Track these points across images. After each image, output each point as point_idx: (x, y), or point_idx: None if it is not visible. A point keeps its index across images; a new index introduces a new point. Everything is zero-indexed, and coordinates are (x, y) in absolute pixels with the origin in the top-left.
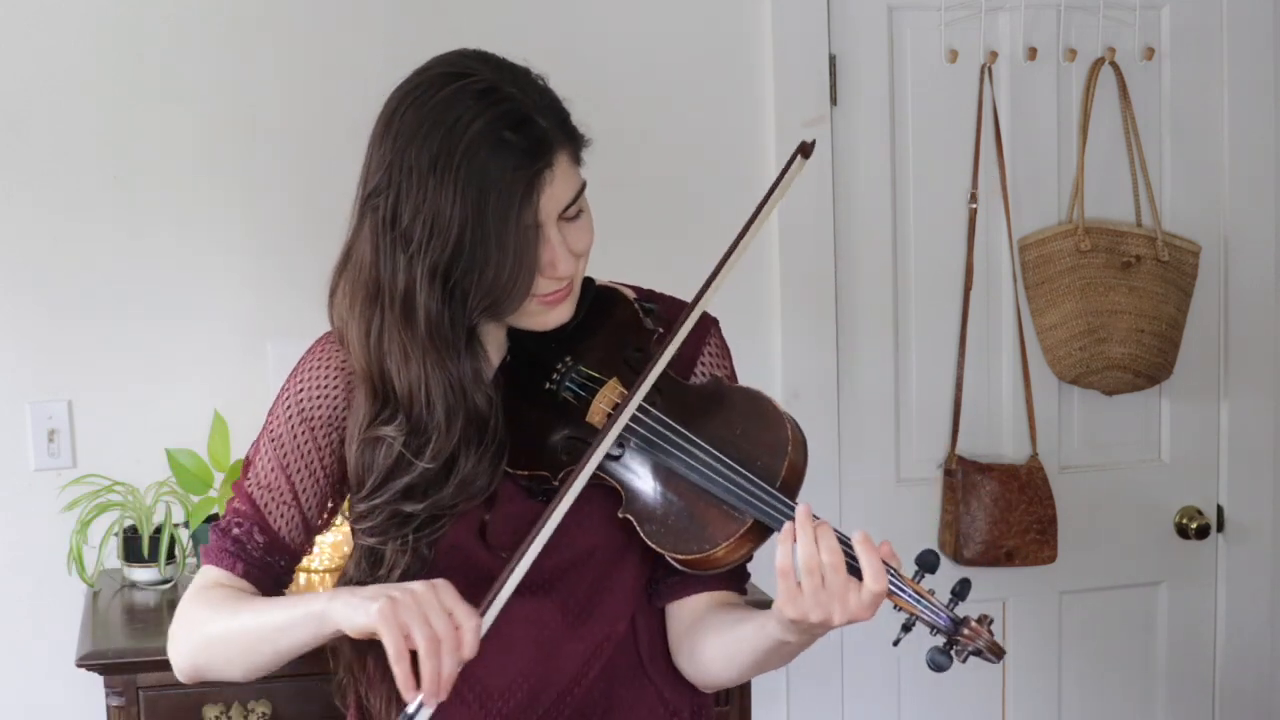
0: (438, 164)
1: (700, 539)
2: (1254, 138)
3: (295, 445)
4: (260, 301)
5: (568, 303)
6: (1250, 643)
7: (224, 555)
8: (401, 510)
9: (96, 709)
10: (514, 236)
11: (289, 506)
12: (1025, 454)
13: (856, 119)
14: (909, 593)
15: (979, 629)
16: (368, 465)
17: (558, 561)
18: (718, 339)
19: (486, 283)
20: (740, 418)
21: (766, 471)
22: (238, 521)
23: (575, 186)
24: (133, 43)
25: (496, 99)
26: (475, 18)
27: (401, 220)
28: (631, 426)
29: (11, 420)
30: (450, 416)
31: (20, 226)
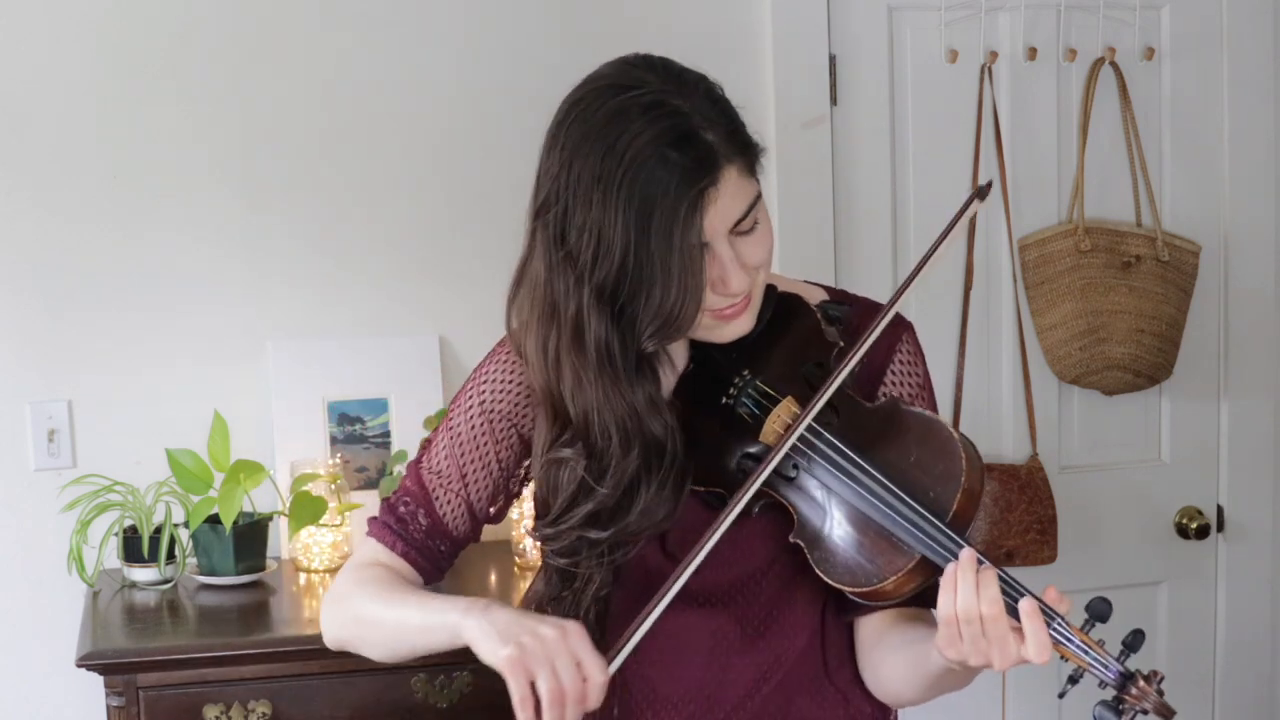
0: (601, 181)
1: (867, 572)
2: (1254, 138)
3: (472, 437)
4: (260, 301)
5: (746, 315)
6: (1250, 643)
7: (386, 532)
8: (587, 537)
9: (96, 709)
10: (678, 257)
11: (456, 495)
12: (1025, 454)
13: (856, 119)
14: (1076, 643)
15: (1148, 688)
16: (552, 487)
17: (736, 575)
18: (911, 345)
19: (654, 306)
20: (915, 444)
21: (937, 504)
22: (405, 500)
23: (747, 199)
24: (133, 43)
25: (661, 113)
26: (471, 21)
27: (569, 238)
28: (801, 449)
29: (11, 420)
30: (626, 443)
31: (20, 226)
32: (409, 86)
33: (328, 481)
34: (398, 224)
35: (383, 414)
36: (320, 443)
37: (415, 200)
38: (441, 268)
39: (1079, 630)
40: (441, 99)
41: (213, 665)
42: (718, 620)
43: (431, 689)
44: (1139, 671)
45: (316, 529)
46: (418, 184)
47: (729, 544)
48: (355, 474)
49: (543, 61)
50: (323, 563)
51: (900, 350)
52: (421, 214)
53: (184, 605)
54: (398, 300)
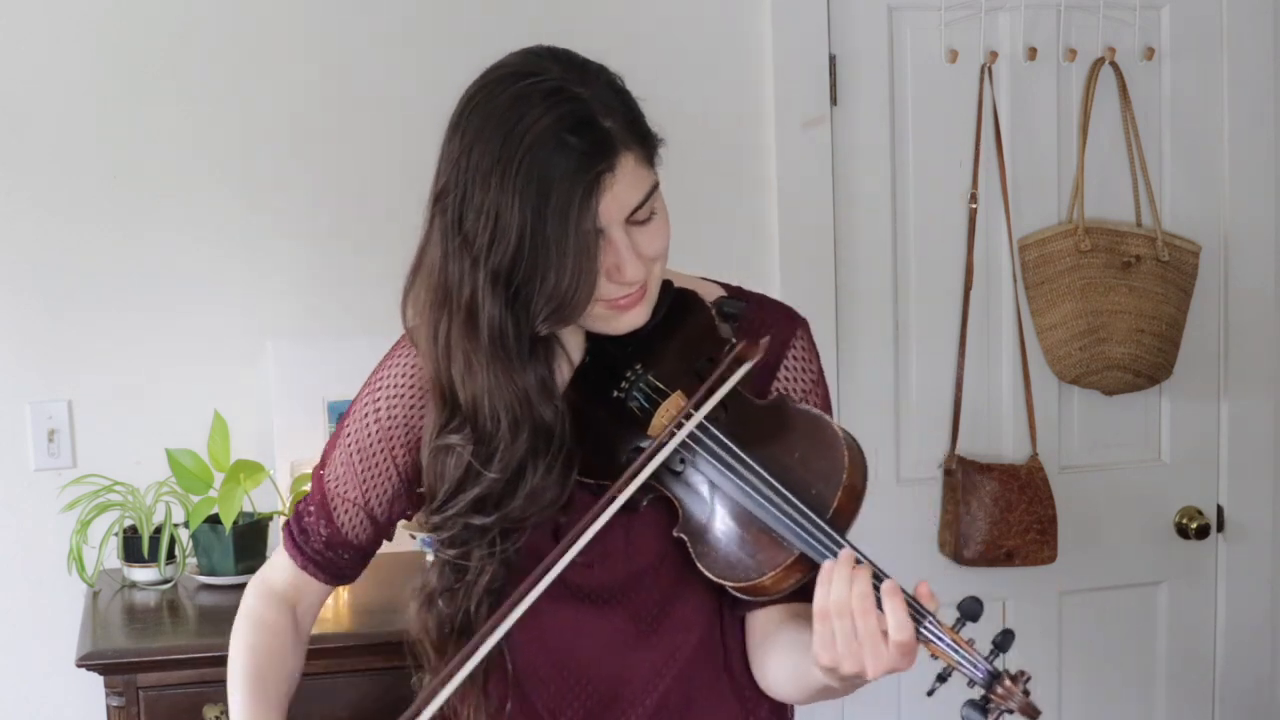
0: (499, 166)
1: (746, 567)
2: (1254, 138)
3: (369, 446)
4: (260, 301)
5: (641, 307)
6: (1250, 643)
7: (289, 544)
8: (473, 523)
9: (96, 709)
10: (573, 242)
11: (355, 505)
12: (1025, 454)
13: (856, 119)
14: (946, 641)
15: (1014, 687)
16: (439, 474)
17: (627, 571)
18: (805, 342)
19: (548, 289)
20: (800, 442)
21: (818, 502)
22: (309, 510)
23: (644, 188)
24: (133, 43)
25: (561, 99)
26: (472, 21)
27: (466, 222)
28: (688, 444)
29: (11, 420)
30: (515, 427)
31: (20, 226)
32: (409, 86)
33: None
34: (398, 224)
35: None
36: (320, 443)
37: (415, 200)
38: None
39: (949, 629)
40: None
41: (213, 665)
42: (612, 617)
43: None
44: (1006, 671)
45: None
46: (417, 183)
47: (620, 540)
48: None
49: None
50: None
51: (794, 346)
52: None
53: (184, 605)
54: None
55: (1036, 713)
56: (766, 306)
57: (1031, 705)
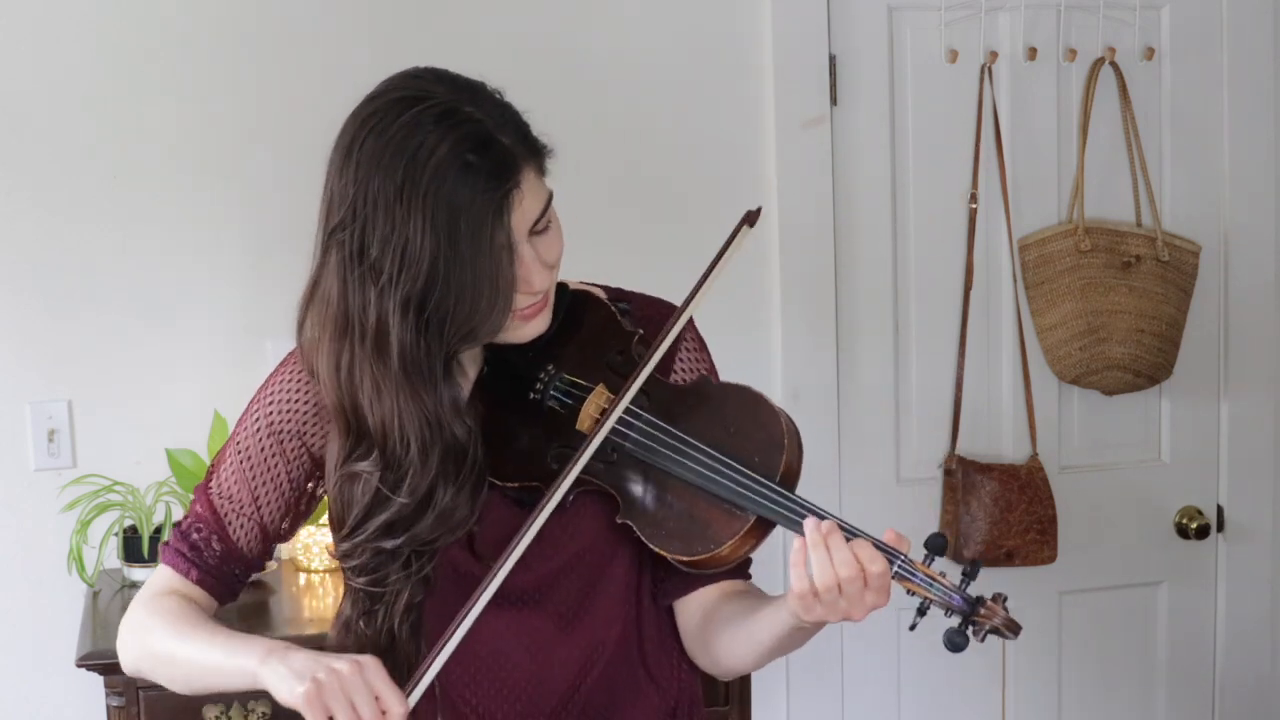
0: (403, 193)
1: (704, 539)
2: (1254, 138)
3: (261, 457)
4: (259, 301)
5: (544, 314)
6: (1250, 643)
7: (180, 559)
8: (382, 547)
9: (96, 709)
10: (488, 261)
11: (249, 519)
12: (1025, 454)
13: (856, 119)
14: (920, 577)
15: (995, 607)
16: (346, 502)
17: (546, 570)
18: (692, 334)
19: (464, 311)
20: (733, 415)
21: (765, 467)
22: (198, 526)
23: (543, 200)
24: (132, 43)
25: (456, 120)
26: (472, 20)
27: (370, 253)
28: (622, 431)
29: (11, 420)
30: (426, 450)
31: (20, 226)
32: None
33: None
34: None
35: None
36: None
37: None
38: None
39: (921, 565)
40: None
41: None
42: (530, 619)
43: None
44: (982, 596)
45: (316, 529)
46: None
47: (538, 542)
48: None
49: (543, 62)
50: (322, 563)
51: (685, 339)
52: None
53: None
54: None
55: (1019, 628)
56: (650, 303)
57: (1013, 621)
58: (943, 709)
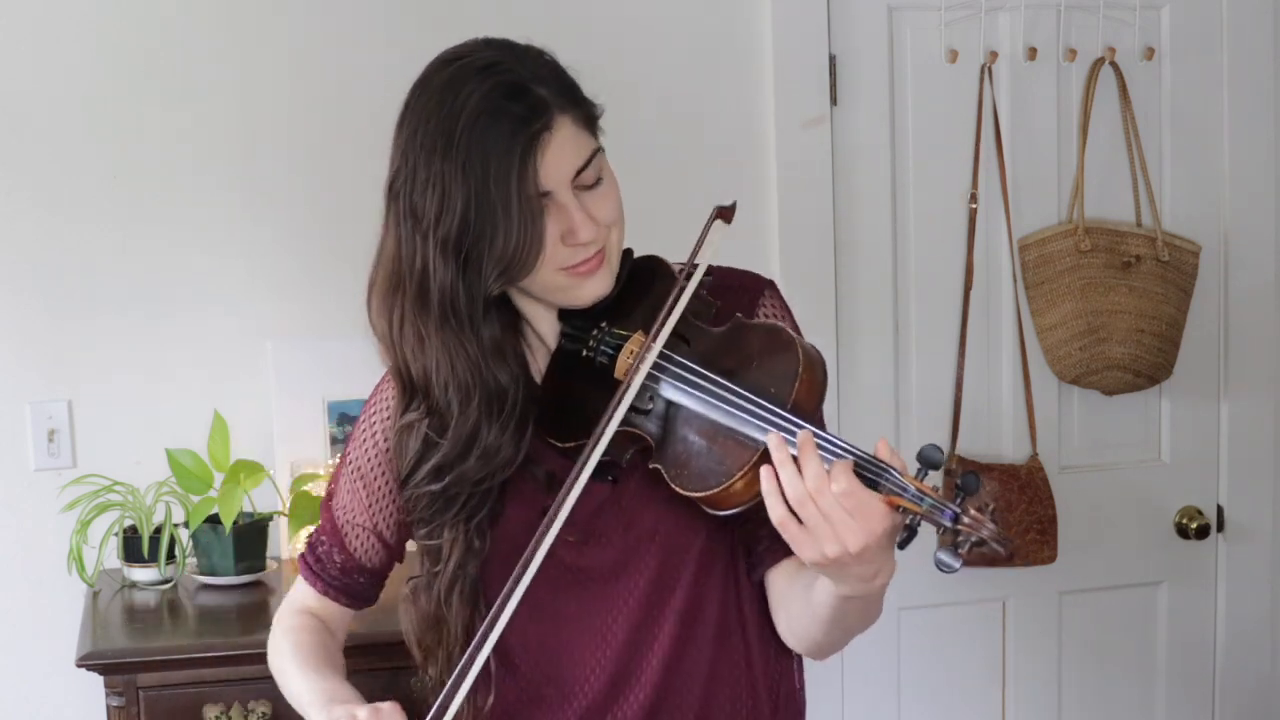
0: (440, 140)
1: (717, 475)
2: (1254, 138)
3: (371, 471)
4: (260, 301)
5: (601, 274)
6: (1250, 643)
7: (308, 573)
8: (433, 491)
9: (96, 709)
10: (517, 201)
11: (365, 530)
12: (1025, 454)
13: (856, 119)
14: (911, 492)
15: (980, 517)
16: (402, 453)
17: (624, 546)
18: (774, 300)
19: (497, 250)
20: (757, 351)
21: (776, 397)
22: (321, 539)
23: (585, 151)
24: (133, 43)
25: (493, 72)
26: (472, 19)
27: (415, 203)
28: (654, 375)
29: (11, 420)
30: (465, 396)
31: (20, 226)
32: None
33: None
34: None
35: None
36: (320, 443)
37: None
38: None
39: (912, 478)
40: None
41: (213, 665)
42: (613, 592)
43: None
44: (969, 504)
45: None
46: None
47: (611, 515)
48: None
49: None
50: None
51: (764, 305)
52: None
53: (184, 605)
54: None
55: (1009, 541)
56: (734, 273)
57: (1002, 534)
58: (943, 709)
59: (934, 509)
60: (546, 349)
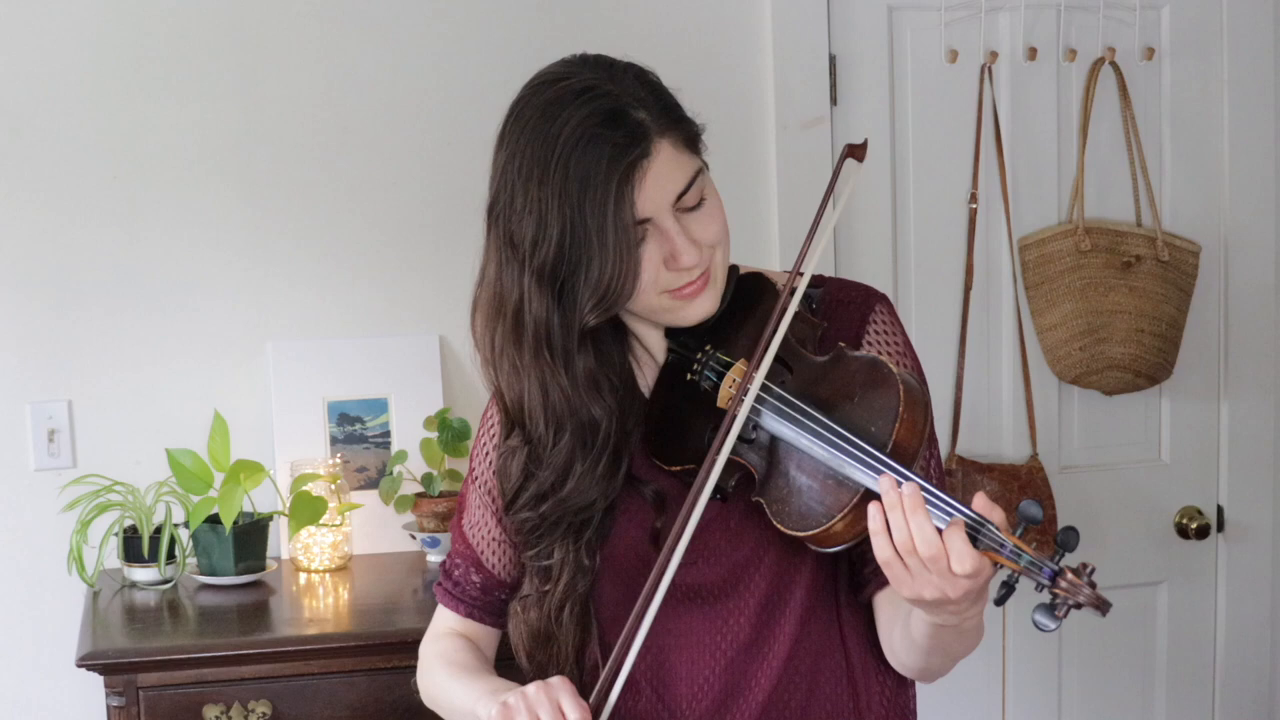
0: (538, 168)
1: (817, 515)
2: (1254, 138)
3: (494, 485)
4: (260, 301)
5: (706, 295)
6: (1250, 643)
7: (448, 598)
8: (534, 517)
9: (96, 709)
10: (613, 231)
11: (500, 545)
12: (1025, 454)
13: (856, 119)
14: (1009, 549)
15: (1078, 581)
16: (506, 476)
17: (732, 563)
18: (886, 315)
19: (593, 280)
20: (858, 386)
21: (876, 438)
22: (457, 563)
23: (686, 174)
24: (133, 43)
25: (591, 96)
26: (472, 21)
27: (512, 229)
28: (756, 407)
29: (11, 420)
30: (559, 427)
31: (20, 226)
32: (409, 86)
33: (328, 481)
34: (398, 223)
35: (383, 414)
36: (320, 443)
37: (415, 199)
38: (441, 267)
39: (1010, 534)
40: (441, 98)
41: (213, 665)
42: (722, 613)
43: None
44: (1067, 566)
45: (316, 529)
46: (418, 183)
47: (719, 533)
48: (355, 474)
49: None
50: (323, 563)
51: (874, 321)
52: (421, 213)
53: (184, 605)
54: (398, 300)
55: (1107, 605)
56: (845, 286)
57: (1100, 597)
58: (943, 709)
59: (1031, 566)
60: (655, 363)
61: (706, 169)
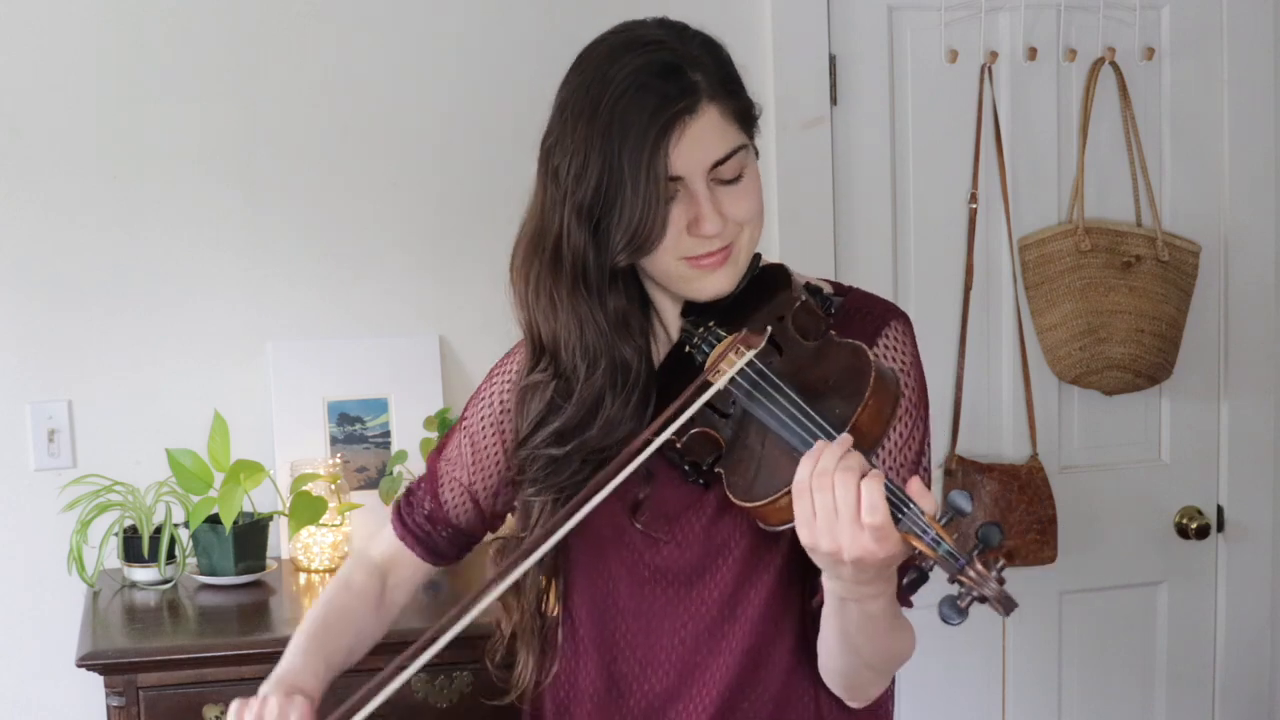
0: (589, 108)
1: (766, 485)
2: (1254, 138)
3: (481, 430)
4: (260, 301)
5: (725, 271)
6: (1250, 643)
7: (396, 515)
8: (552, 454)
9: (96, 709)
10: (646, 179)
11: (460, 484)
12: (1025, 454)
13: (856, 119)
14: (930, 535)
15: (985, 573)
16: (525, 413)
17: (705, 552)
18: (900, 330)
19: (624, 222)
20: (835, 370)
21: (839, 419)
22: (420, 485)
23: (728, 144)
24: (133, 43)
25: (654, 48)
26: (471, 21)
27: (557, 164)
28: (737, 380)
29: (11, 420)
30: (593, 362)
31: (20, 226)
32: (409, 86)
33: (328, 481)
34: (398, 224)
35: (383, 414)
36: (320, 443)
37: (415, 200)
38: (441, 268)
39: (932, 520)
40: (441, 99)
41: (213, 665)
42: (690, 598)
43: (432, 689)
44: (977, 556)
45: (316, 529)
46: (418, 184)
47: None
48: (355, 474)
49: (542, 62)
50: (323, 563)
51: (886, 335)
52: (422, 214)
53: (184, 605)
54: (398, 300)
55: (1012, 603)
56: (868, 298)
57: (1006, 595)
58: (943, 709)
59: (948, 556)
60: (669, 339)
61: (755, 150)
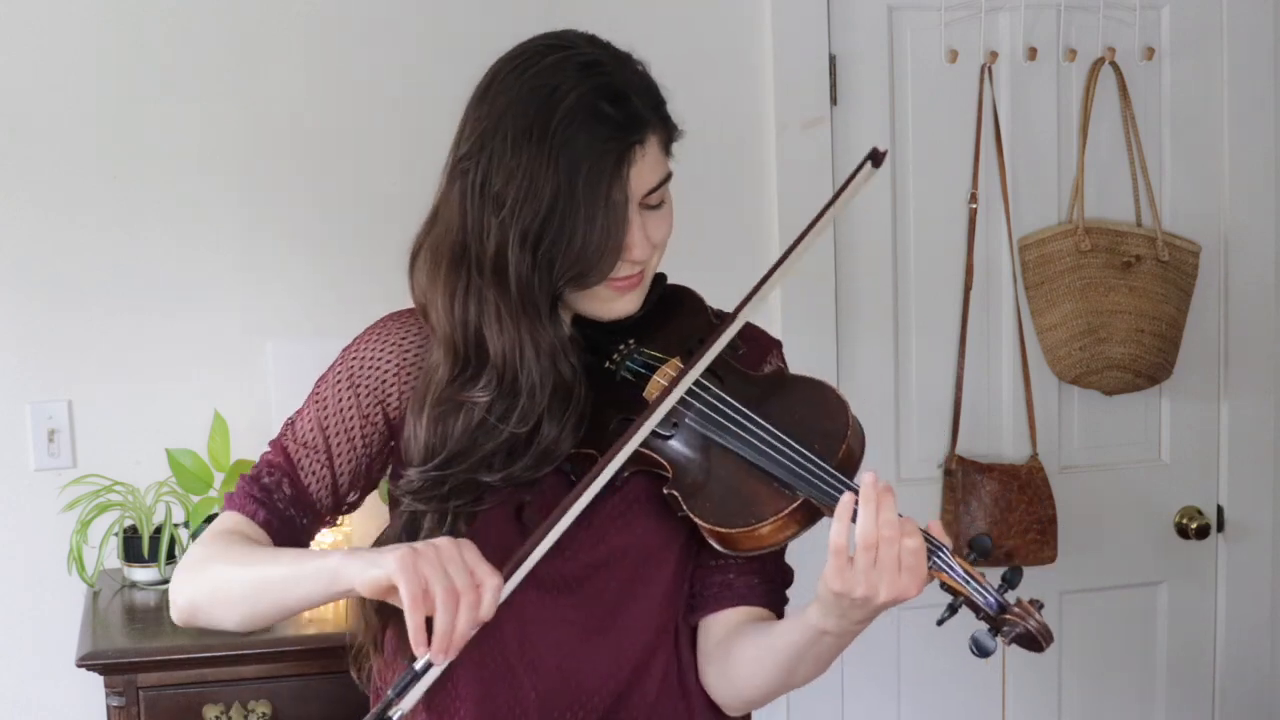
0: (533, 130)
1: (746, 514)
2: (1254, 138)
3: (338, 409)
4: (260, 301)
5: (636, 293)
6: (1250, 643)
7: (248, 501)
8: (476, 479)
9: (96, 709)
10: (602, 208)
11: (322, 466)
12: (1025, 454)
13: (856, 119)
14: (958, 572)
15: (1028, 609)
16: (442, 435)
17: (589, 559)
18: (778, 362)
19: (574, 252)
20: (801, 403)
21: (823, 452)
22: (269, 471)
23: (661, 173)
24: (132, 43)
25: (597, 72)
26: (471, 21)
27: (493, 185)
28: (688, 401)
29: (11, 420)
30: (542, 381)
31: (20, 226)
32: (409, 87)
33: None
34: (398, 224)
35: None
36: None
37: (416, 200)
38: None
39: (961, 559)
40: (441, 99)
41: (213, 665)
42: (565, 606)
43: None
44: (1019, 599)
45: None
46: (418, 184)
47: (584, 528)
48: None
49: None
50: None
51: (769, 362)
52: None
53: None
54: (398, 301)
55: (1051, 637)
56: (751, 327)
57: (1047, 627)
58: (943, 709)
59: (979, 593)
60: None
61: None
